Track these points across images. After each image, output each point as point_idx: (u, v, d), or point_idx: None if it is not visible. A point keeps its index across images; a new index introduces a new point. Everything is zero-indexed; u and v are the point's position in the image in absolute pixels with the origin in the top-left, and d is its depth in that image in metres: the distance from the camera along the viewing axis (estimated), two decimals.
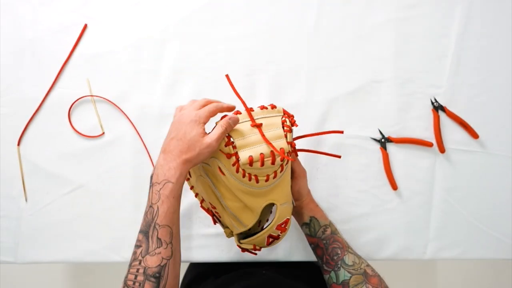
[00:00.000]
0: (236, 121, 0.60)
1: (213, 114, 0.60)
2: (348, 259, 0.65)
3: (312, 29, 0.84)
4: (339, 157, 0.72)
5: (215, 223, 0.74)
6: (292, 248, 0.81)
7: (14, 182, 0.81)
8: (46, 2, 0.82)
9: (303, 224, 0.71)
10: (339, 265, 0.65)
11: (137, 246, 0.56)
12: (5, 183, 0.81)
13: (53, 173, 0.81)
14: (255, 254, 0.71)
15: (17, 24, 0.82)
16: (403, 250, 0.82)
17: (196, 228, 0.81)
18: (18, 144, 0.81)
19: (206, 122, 0.59)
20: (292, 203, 0.72)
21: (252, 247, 0.67)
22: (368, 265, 0.66)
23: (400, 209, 0.83)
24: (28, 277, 1.59)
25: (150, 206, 0.57)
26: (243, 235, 0.69)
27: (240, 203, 0.64)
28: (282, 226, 0.66)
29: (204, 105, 0.61)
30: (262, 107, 0.65)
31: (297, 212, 0.72)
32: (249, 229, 0.68)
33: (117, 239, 0.80)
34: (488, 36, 0.85)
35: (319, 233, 0.68)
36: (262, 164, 0.59)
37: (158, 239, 0.55)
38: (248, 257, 0.81)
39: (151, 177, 0.59)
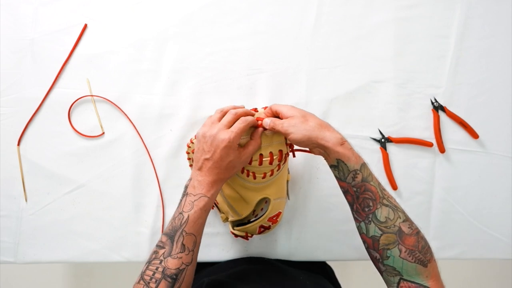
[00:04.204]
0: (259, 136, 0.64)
1: (243, 132, 0.61)
2: (381, 214, 0.57)
3: (312, 29, 0.84)
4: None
5: (212, 208, 0.79)
6: (291, 248, 0.82)
7: (14, 182, 0.81)
8: (46, 2, 0.82)
9: (331, 166, 0.62)
10: (370, 219, 0.58)
11: (160, 247, 0.58)
12: (5, 183, 0.81)
13: (53, 173, 0.81)
14: (247, 239, 0.76)
15: (17, 24, 0.82)
16: None
17: None
18: (18, 144, 0.81)
19: (238, 141, 0.61)
20: (287, 198, 0.77)
21: (244, 234, 0.73)
22: (405, 220, 0.57)
23: None
24: (28, 277, 1.59)
25: (180, 213, 0.59)
26: (237, 223, 0.74)
27: (236, 195, 0.69)
28: (274, 218, 0.71)
29: (232, 120, 0.61)
30: (266, 109, 0.68)
31: (323, 154, 0.62)
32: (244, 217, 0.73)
33: (117, 239, 0.80)
34: (487, 36, 0.85)
35: (348, 178, 0.59)
36: (260, 164, 0.63)
37: (183, 245, 0.57)
38: (247, 255, 0.81)
39: (186, 186, 0.62)
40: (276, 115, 0.64)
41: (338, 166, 0.60)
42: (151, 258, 0.58)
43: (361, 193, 0.58)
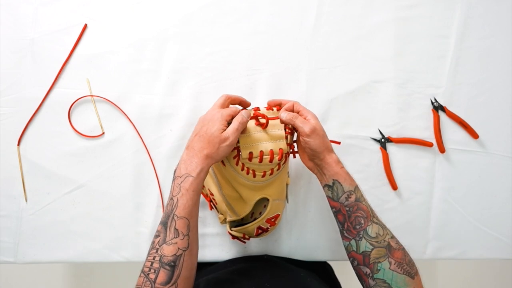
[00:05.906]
0: (249, 115, 0.65)
1: (235, 113, 0.63)
2: (372, 230, 0.61)
3: (312, 29, 0.84)
4: (339, 143, 0.76)
5: (211, 209, 0.79)
6: (291, 247, 0.82)
7: (14, 182, 0.81)
8: (46, 2, 0.82)
9: (325, 186, 0.66)
10: (361, 235, 0.61)
11: (156, 236, 0.58)
12: (5, 183, 0.81)
13: (53, 173, 0.81)
14: (244, 242, 0.77)
15: (17, 24, 0.82)
16: None
17: None
18: (18, 144, 0.81)
19: (228, 119, 0.62)
20: (286, 201, 0.77)
21: (241, 235, 0.73)
22: (392, 237, 0.62)
23: (400, 209, 0.83)
24: (28, 277, 1.59)
25: (170, 198, 0.59)
26: (235, 224, 0.74)
27: (236, 194, 0.69)
28: (272, 220, 0.71)
29: (224, 101, 0.66)
30: (268, 108, 0.69)
31: (318, 171, 0.67)
32: (242, 219, 0.73)
33: (117, 239, 0.80)
34: (487, 36, 0.85)
35: (342, 198, 0.62)
36: (261, 161, 0.64)
37: (176, 229, 0.57)
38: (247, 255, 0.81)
39: (175, 171, 0.61)
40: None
41: (333, 186, 0.63)
42: (149, 249, 0.57)
43: (353, 212, 0.62)
